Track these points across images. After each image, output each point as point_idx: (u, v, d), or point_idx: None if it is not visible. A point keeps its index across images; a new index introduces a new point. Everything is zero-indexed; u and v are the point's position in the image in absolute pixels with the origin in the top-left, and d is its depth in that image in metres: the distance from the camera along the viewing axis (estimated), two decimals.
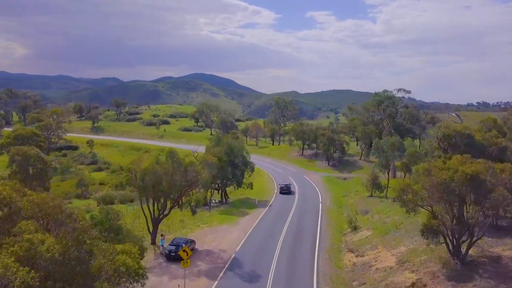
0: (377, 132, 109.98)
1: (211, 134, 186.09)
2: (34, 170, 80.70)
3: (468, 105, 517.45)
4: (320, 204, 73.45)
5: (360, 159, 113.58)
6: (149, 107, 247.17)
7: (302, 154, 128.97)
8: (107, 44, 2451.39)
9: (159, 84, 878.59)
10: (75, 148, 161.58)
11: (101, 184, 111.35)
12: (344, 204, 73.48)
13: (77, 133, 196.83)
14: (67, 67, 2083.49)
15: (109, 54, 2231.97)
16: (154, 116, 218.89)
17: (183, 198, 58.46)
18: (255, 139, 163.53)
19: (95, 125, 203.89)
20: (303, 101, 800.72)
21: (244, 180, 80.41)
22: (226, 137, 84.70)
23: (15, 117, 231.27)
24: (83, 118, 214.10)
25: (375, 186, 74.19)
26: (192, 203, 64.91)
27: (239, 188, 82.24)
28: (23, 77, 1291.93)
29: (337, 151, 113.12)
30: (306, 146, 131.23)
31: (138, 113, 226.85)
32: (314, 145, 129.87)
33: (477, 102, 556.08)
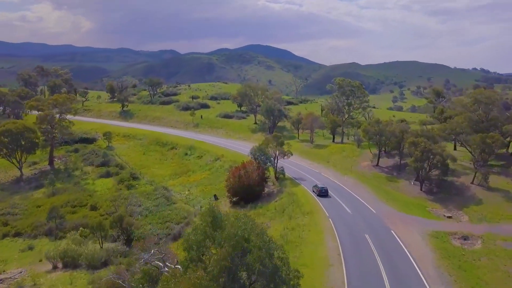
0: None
1: (255, 123, 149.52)
2: None
3: None
4: None
5: (472, 182, 71.84)
6: (189, 86, 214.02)
7: (377, 164, 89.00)
8: (167, 17, 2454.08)
9: (213, 56, 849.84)
10: (92, 140, 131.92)
11: (92, 210, 78.63)
12: None
13: (104, 119, 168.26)
14: (128, 41, 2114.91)
15: (168, 27, 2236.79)
16: (193, 98, 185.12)
17: None
18: (309, 131, 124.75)
19: (125, 109, 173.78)
20: (364, 74, 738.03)
21: None
22: (231, 219, 30.92)
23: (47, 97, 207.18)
24: (115, 100, 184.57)
25: None
26: None
27: None
28: (88, 50, 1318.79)
29: (435, 169, 72.18)
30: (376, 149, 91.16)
31: (175, 94, 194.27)
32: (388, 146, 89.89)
33: None
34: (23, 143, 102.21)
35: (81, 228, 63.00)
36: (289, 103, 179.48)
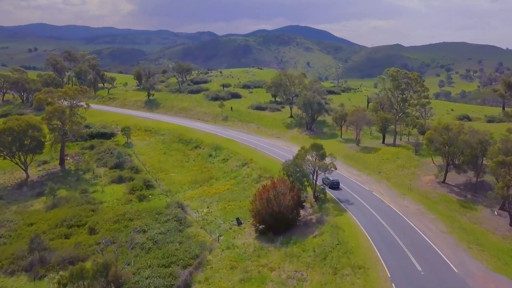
0: None
1: (291, 116, 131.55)
2: None
3: None
4: None
5: None
6: (220, 72, 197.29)
7: (443, 181, 69.54)
8: None
9: (250, 38, 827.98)
10: (110, 136, 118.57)
11: (90, 233, 64.49)
12: None
13: (128, 109, 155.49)
14: (167, 22, 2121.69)
15: (206, 9, 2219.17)
16: (223, 86, 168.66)
17: None
18: (353, 128, 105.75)
19: (150, 98, 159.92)
20: (407, 56, 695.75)
21: None
22: None
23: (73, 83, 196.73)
24: (141, 87, 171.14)
25: None
26: None
27: None
28: (128, 32, 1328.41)
29: None
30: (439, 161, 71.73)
31: (205, 82, 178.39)
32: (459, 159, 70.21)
33: None
34: (26, 142, 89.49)
35: (59, 274, 48.33)
36: (330, 92, 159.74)
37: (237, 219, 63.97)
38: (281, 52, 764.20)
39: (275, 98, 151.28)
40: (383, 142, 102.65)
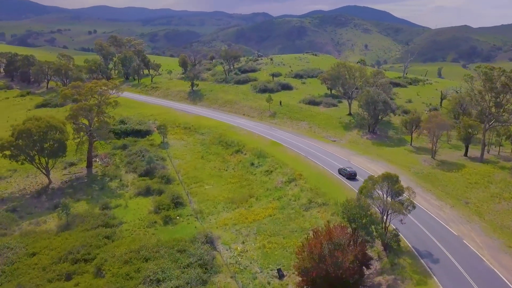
0: None
1: (350, 114, 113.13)
2: None
3: None
4: None
5: None
6: (271, 60, 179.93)
7: None
8: None
9: (306, 19, 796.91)
10: (145, 134, 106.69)
11: (97, 274, 52.02)
12: None
13: (170, 100, 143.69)
14: (223, 3, 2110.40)
15: None
16: (273, 76, 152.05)
17: None
18: (425, 132, 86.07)
19: (194, 88, 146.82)
20: (476, 38, 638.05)
21: None
22: None
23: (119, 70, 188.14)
24: (186, 77, 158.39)
25: None
26: None
27: None
28: (184, 14, 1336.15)
29: None
30: None
31: (253, 70, 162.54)
32: None
33: None
34: (47, 145, 78.86)
35: None
36: (395, 84, 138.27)
37: (279, 270, 48.57)
38: (338, 34, 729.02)
39: (331, 91, 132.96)
40: (466, 154, 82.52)
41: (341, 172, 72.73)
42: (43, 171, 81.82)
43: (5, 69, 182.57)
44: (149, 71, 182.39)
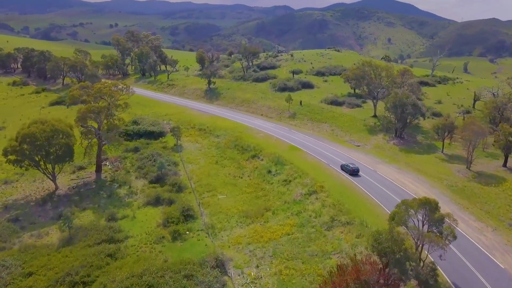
0: None
1: (375, 116, 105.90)
2: None
3: None
4: None
5: None
6: (292, 56, 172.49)
7: None
8: None
9: (328, 12, 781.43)
10: (158, 135, 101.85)
11: None
12: None
13: (186, 98, 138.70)
14: None
15: None
16: (293, 73, 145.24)
17: None
18: (464, 144, 78.27)
19: (211, 86, 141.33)
20: (505, 32, 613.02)
21: None
22: None
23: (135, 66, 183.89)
24: (203, 74, 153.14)
25: None
26: None
27: None
28: (204, 7, 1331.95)
29: None
30: None
31: (273, 67, 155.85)
32: None
33: None
34: (52, 150, 74.51)
35: None
36: (423, 83, 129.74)
37: None
38: (360, 27, 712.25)
39: (354, 90, 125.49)
40: (505, 165, 74.65)
41: (343, 168, 74.14)
42: (49, 176, 77.73)
43: (22, 65, 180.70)
44: (166, 67, 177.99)
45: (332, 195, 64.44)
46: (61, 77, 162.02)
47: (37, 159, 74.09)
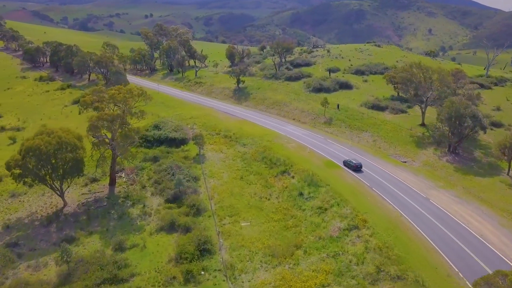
0: None
1: (423, 124, 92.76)
2: None
3: None
4: None
5: None
6: (328, 51, 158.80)
7: None
8: None
9: (365, 2, 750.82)
10: (180, 143, 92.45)
11: None
12: None
13: (214, 98, 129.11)
14: None
15: None
16: (329, 72, 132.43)
17: None
18: None
19: (240, 85, 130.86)
20: None
21: None
22: None
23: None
24: (232, 72, 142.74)
25: None
26: None
27: None
28: None
29: None
30: None
31: (307, 64, 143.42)
32: None
33: None
34: (59, 164, 66.28)
35: None
36: (480, 85, 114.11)
37: None
38: (399, 17, 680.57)
39: (398, 93, 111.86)
40: None
41: (346, 164, 75.32)
42: (57, 192, 69.81)
43: (50, 59, 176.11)
44: (195, 62, 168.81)
45: (377, 234, 52.82)
46: (88, 72, 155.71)
47: (43, 174, 66.11)
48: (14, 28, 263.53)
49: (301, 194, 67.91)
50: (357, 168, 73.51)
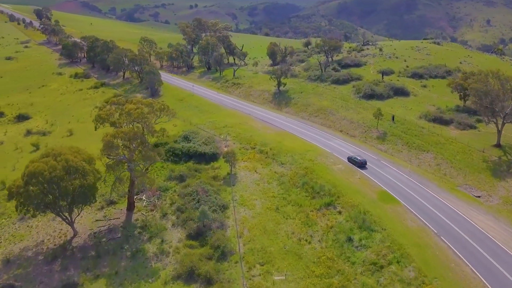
0: None
1: (498, 145, 76.12)
2: None
3: None
4: None
5: None
6: (380, 50, 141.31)
7: None
8: None
9: None
10: (210, 158, 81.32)
11: None
12: None
13: (252, 102, 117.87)
14: None
15: None
16: (382, 74, 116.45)
17: None
18: None
19: (281, 88, 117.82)
20: None
21: None
22: None
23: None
24: (273, 73, 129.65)
25: None
26: None
27: None
28: None
29: None
30: None
31: (357, 65, 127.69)
32: None
33: None
34: (65, 191, 56.77)
35: None
36: None
37: None
38: (454, 7, 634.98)
39: (464, 101, 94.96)
40: None
41: (351, 161, 74.38)
42: (66, 221, 60.69)
43: (87, 55, 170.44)
44: (234, 59, 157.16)
45: None
46: (122, 70, 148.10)
47: (49, 200, 56.84)
48: (61, 19, 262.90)
49: (350, 239, 54.67)
50: (361, 165, 72.71)
